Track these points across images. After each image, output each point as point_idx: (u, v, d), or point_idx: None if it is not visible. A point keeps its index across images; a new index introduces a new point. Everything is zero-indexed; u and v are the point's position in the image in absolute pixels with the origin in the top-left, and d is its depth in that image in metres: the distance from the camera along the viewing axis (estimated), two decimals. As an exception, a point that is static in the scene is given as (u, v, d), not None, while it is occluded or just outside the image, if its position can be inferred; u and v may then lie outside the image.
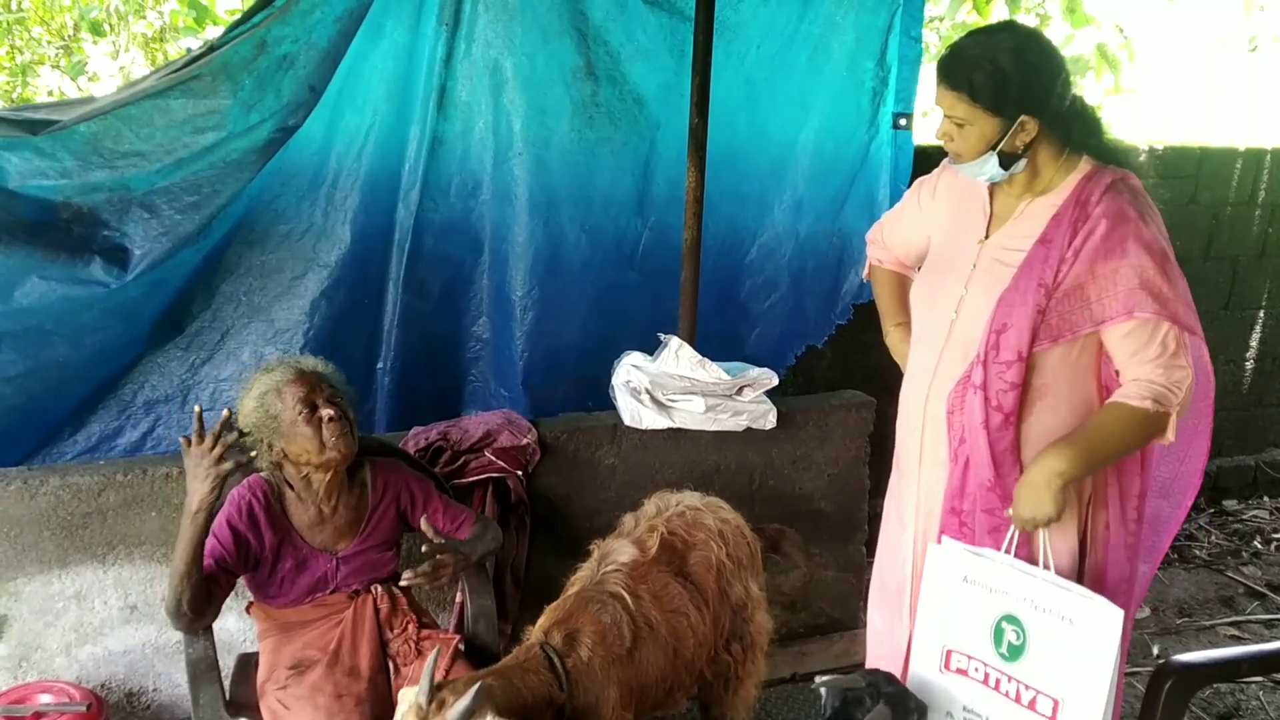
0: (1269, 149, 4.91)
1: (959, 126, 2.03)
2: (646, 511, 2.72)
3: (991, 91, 1.97)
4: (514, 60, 3.27)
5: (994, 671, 2.06)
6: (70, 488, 2.81)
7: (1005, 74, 1.97)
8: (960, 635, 2.09)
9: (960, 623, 2.09)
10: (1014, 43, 2.01)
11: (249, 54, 2.68)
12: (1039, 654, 2.00)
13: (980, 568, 2.07)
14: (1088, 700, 1.96)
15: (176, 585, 2.21)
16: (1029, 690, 2.02)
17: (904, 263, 2.52)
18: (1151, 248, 2.00)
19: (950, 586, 2.09)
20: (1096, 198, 2.03)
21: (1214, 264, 4.93)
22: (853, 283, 3.93)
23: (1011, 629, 2.02)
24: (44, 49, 6.00)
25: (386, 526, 2.53)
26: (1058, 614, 1.99)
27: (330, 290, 3.26)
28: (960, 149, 2.07)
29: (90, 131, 2.63)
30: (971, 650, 2.09)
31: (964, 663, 2.09)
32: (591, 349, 3.57)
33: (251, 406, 2.39)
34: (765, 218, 3.76)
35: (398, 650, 2.48)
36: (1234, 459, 5.21)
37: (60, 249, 2.70)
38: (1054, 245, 2.04)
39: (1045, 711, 2.00)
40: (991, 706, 2.07)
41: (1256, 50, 7.24)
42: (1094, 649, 1.94)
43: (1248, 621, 4.01)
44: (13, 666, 2.86)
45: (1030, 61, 1.99)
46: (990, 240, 2.17)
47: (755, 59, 3.56)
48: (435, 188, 3.35)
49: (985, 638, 2.06)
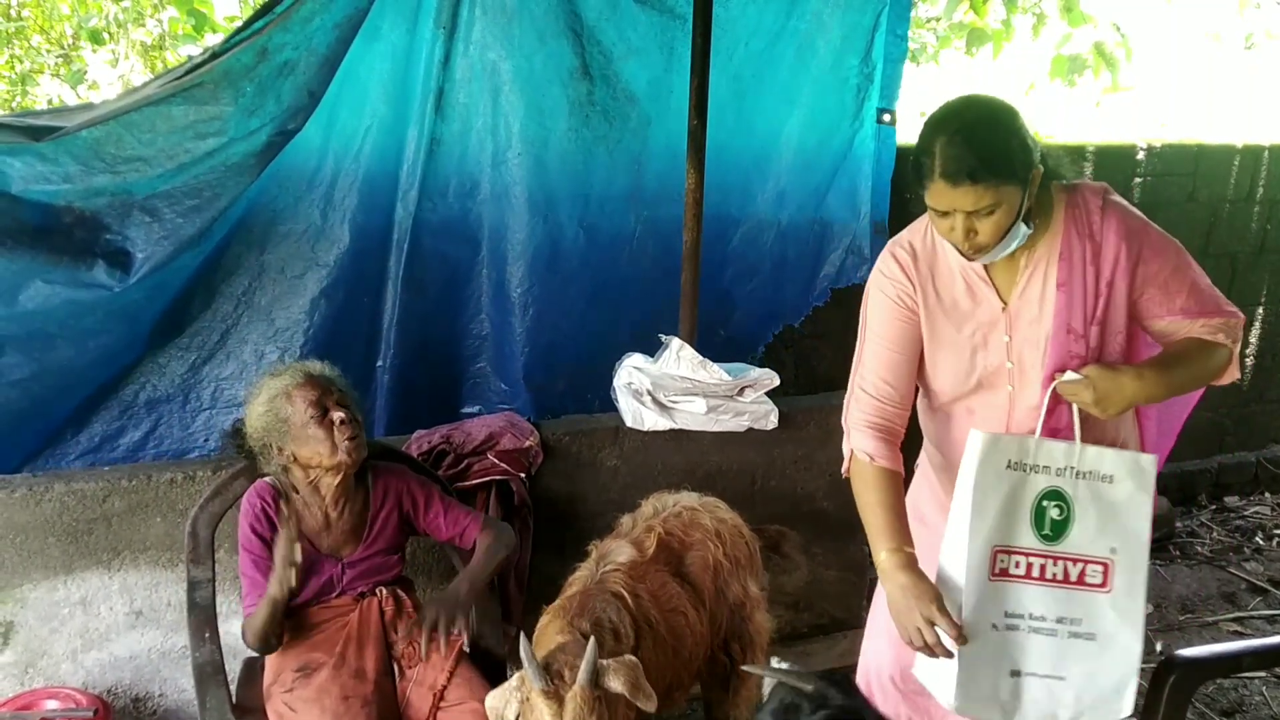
0: (1266, 145, 4.92)
1: (988, 215, 1.91)
2: (644, 512, 2.73)
3: (1010, 164, 1.90)
4: (512, 62, 3.30)
5: (1038, 558, 2.01)
6: (75, 494, 2.81)
7: (1011, 141, 1.92)
8: (1004, 529, 2.01)
9: (1002, 514, 2.01)
10: (992, 110, 1.95)
11: (251, 61, 2.69)
12: (1084, 523, 2.01)
13: (1019, 448, 2.01)
14: (1135, 551, 2.01)
15: (263, 635, 2.34)
16: (1077, 564, 2.01)
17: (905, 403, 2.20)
18: (1167, 245, 2.04)
19: (994, 475, 2.00)
20: (1098, 222, 2.01)
21: (1212, 261, 4.92)
22: (832, 265, 4.02)
23: (1054, 505, 2.01)
24: (44, 57, 6.02)
25: (390, 531, 2.54)
26: (1098, 475, 2.00)
27: (330, 289, 3.28)
28: (988, 236, 1.93)
29: (92, 137, 2.64)
30: (1015, 542, 2.02)
31: (1005, 561, 2.01)
32: (589, 342, 3.62)
33: (260, 411, 2.40)
34: (749, 207, 3.82)
35: (403, 653, 2.49)
36: (1235, 455, 5.22)
37: (63, 253, 2.71)
38: (1073, 287, 2.01)
39: (1095, 580, 2.01)
40: (1033, 601, 2.02)
41: (1253, 47, 7.25)
42: (1135, 499, 2.00)
43: (1250, 617, 4.01)
44: (19, 672, 2.87)
45: (1013, 119, 1.95)
46: (1012, 306, 2.07)
47: (743, 55, 3.60)
48: (434, 188, 3.38)
49: (1026, 524, 2.02)
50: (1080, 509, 2.01)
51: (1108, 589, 2.02)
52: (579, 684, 2.00)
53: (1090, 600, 2.01)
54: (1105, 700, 2.04)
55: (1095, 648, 2.02)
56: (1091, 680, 2.03)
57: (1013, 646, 2.01)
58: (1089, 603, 2.01)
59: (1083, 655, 2.01)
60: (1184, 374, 2.04)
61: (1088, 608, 2.01)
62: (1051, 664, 2.01)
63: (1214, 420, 5.18)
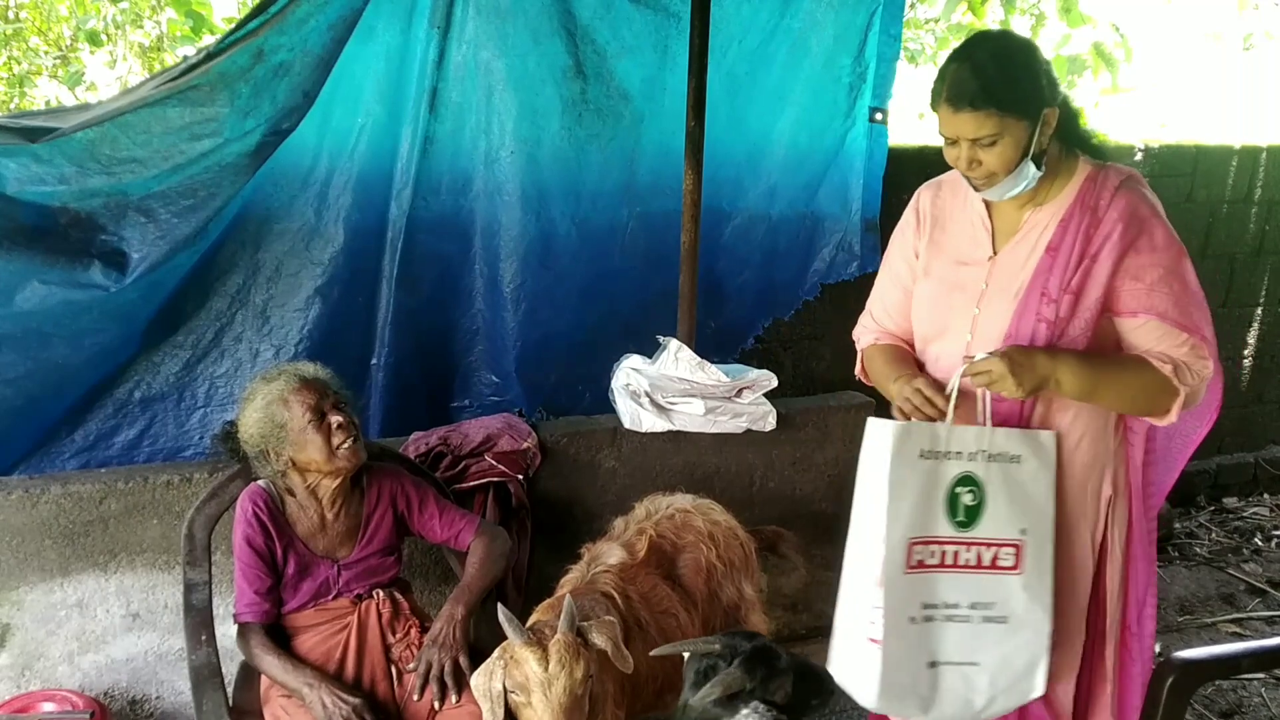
0: (1265, 146, 4.92)
1: (990, 146, 1.94)
2: (636, 515, 2.74)
3: (1015, 95, 1.93)
4: (505, 61, 3.31)
5: (953, 546, 2.03)
6: (71, 496, 2.81)
7: (1020, 74, 1.94)
8: (920, 520, 2.02)
9: (919, 506, 2.02)
10: (1007, 43, 2.00)
11: (246, 63, 2.69)
12: (996, 506, 2.02)
13: (931, 436, 2.01)
14: (1043, 531, 2.04)
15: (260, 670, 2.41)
16: (990, 548, 2.03)
17: (907, 337, 2.32)
18: (1170, 246, 1.99)
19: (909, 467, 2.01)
20: (1107, 200, 2.01)
21: (1211, 262, 4.93)
22: (823, 260, 4.03)
23: (967, 491, 2.02)
24: (41, 59, 6.01)
25: (385, 532, 2.53)
26: (1007, 456, 2.02)
27: (325, 287, 3.29)
28: (994, 167, 1.96)
29: (88, 139, 2.64)
30: (931, 532, 2.02)
31: (922, 553, 2.02)
32: (581, 336, 3.65)
33: (256, 417, 2.38)
34: (740, 201, 3.84)
35: (400, 655, 2.48)
36: (1234, 456, 5.22)
37: (59, 253, 2.71)
38: (1060, 253, 2.02)
39: (1007, 563, 2.03)
40: (948, 590, 2.03)
41: (1252, 48, 7.25)
42: (1040, 477, 2.03)
43: (1249, 618, 4.01)
44: (15, 675, 2.86)
45: (1030, 55, 1.98)
46: (999, 257, 2.10)
47: (737, 53, 3.61)
48: (428, 186, 3.38)
49: (941, 513, 2.02)
50: (992, 492, 2.02)
51: (1019, 571, 2.04)
52: (560, 631, 2.06)
53: (1002, 583, 2.04)
54: (1018, 681, 2.07)
55: (1007, 630, 2.05)
56: (1005, 663, 2.06)
57: (929, 638, 2.03)
58: (1001, 586, 2.04)
59: (996, 639, 2.04)
60: (1112, 384, 2.01)
61: (1000, 591, 2.04)
62: (966, 651, 2.04)
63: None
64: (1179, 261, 2.01)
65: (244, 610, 2.39)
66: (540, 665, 2.02)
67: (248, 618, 2.38)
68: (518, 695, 2.05)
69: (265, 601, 2.39)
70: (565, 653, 2.04)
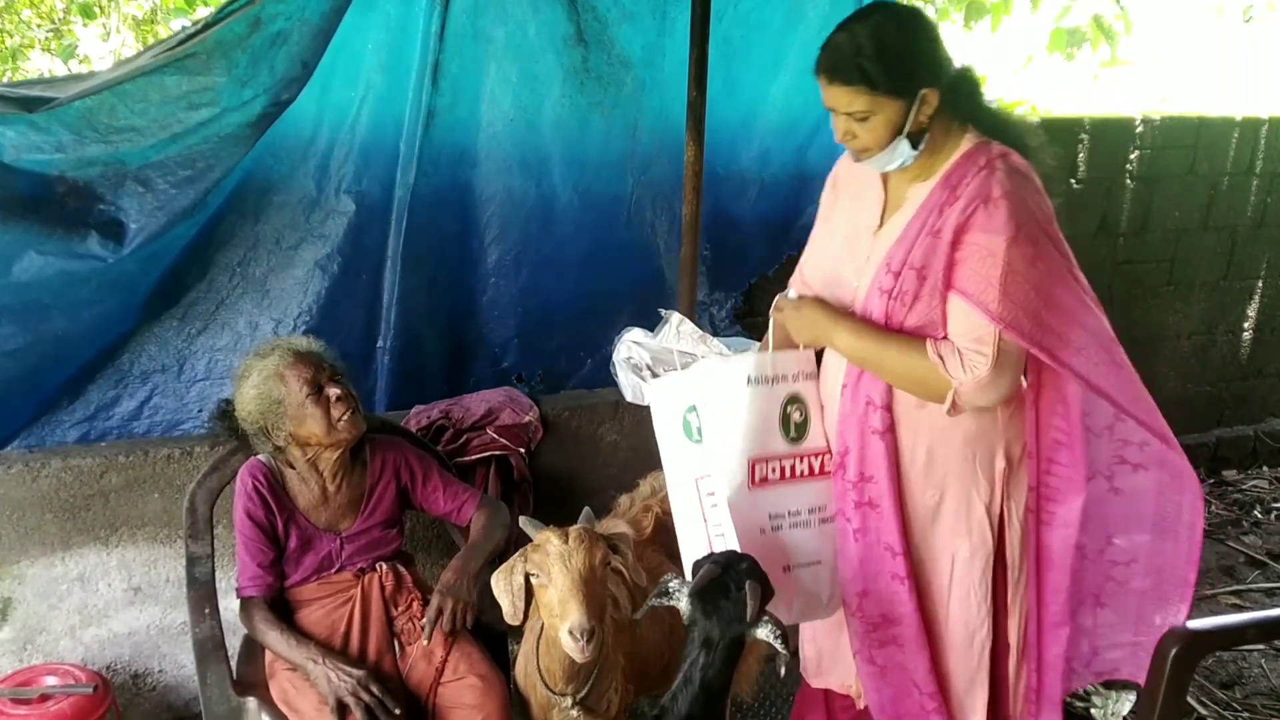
0: (1266, 118, 4.90)
1: (862, 120, 1.94)
2: (641, 491, 2.75)
3: (888, 74, 1.90)
4: (506, 30, 3.29)
5: (789, 459, 2.17)
6: (72, 470, 2.80)
7: (896, 53, 1.91)
8: (760, 441, 2.14)
9: (758, 428, 2.14)
10: (893, 19, 1.96)
11: (243, 31, 2.66)
12: (817, 419, 2.21)
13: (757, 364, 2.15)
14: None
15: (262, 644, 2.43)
16: (818, 457, 2.20)
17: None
18: (1006, 229, 1.88)
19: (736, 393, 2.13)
20: (969, 179, 1.95)
21: (1212, 234, 4.92)
22: (809, 217, 3.96)
23: (795, 409, 2.19)
24: (34, 32, 5.97)
25: (388, 504, 2.53)
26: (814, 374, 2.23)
27: (325, 260, 3.27)
28: (868, 142, 1.97)
29: (85, 107, 2.61)
30: (770, 450, 2.15)
31: (763, 469, 2.14)
32: (583, 304, 3.67)
33: (252, 395, 2.37)
34: (733, 165, 3.85)
35: (403, 628, 2.48)
36: (1233, 429, 5.23)
37: (57, 223, 2.69)
38: (910, 227, 1.99)
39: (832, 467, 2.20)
40: (789, 499, 2.17)
41: (1252, 20, 7.21)
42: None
43: (1248, 590, 4.03)
44: (18, 649, 2.86)
45: (915, 34, 1.94)
46: (882, 230, 2.07)
47: (732, 17, 3.58)
48: (430, 156, 3.35)
49: (776, 431, 2.16)
50: (814, 408, 2.21)
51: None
52: (579, 524, 2.21)
53: (830, 487, 2.19)
54: None
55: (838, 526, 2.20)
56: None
57: (780, 546, 2.16)
58: (829, 489, 2.19)
59: (832, 537, 2.21)
60: (883, 357, 2.01)
61: (829, 494, 2.19)
62: (811, 551, 2.19)
63: (1212, 394, 5.18)
64: (1010, 246, 1.87)
65: (246, 584, 2.38)
66: (560, 541, 2.10)
67: (250, 592, 2.38)
68: (538, 576, 2.09)
69: (268, 575, 2.38)
70: (584, 534, 2.13)
